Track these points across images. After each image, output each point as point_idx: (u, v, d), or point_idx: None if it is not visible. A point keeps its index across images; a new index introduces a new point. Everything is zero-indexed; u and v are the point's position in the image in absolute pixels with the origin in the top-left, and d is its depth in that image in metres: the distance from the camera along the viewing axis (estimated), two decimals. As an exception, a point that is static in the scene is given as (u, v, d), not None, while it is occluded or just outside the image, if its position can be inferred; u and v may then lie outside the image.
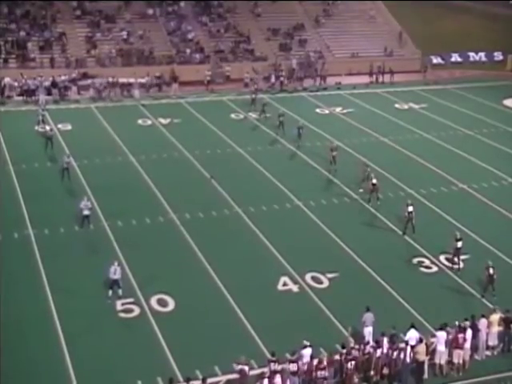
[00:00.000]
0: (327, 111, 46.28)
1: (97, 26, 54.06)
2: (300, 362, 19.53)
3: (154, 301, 23.63)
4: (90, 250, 26.97)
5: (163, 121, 42.63)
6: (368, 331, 21.32)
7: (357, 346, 20.17)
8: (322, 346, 20.69)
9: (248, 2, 60.24)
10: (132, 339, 21.74)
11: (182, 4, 58.31)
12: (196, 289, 24.56)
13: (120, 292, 23.73)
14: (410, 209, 28.68)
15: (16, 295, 23.67)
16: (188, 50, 53.82)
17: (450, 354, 20.64)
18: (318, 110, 46.43)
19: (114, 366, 20.46)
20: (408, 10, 65.81)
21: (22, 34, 51.28)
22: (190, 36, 55.43)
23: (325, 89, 51.36)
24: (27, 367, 20.30)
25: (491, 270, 24.20)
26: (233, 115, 44.20)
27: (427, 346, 20.30)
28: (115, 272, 23.76)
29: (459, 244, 26.21)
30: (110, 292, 23.72)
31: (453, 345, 20.53)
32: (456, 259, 26.36)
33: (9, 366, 20.12)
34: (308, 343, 20.10)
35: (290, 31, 58.22)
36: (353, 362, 19.61)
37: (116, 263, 23.98)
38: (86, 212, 28.18)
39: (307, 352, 19.92)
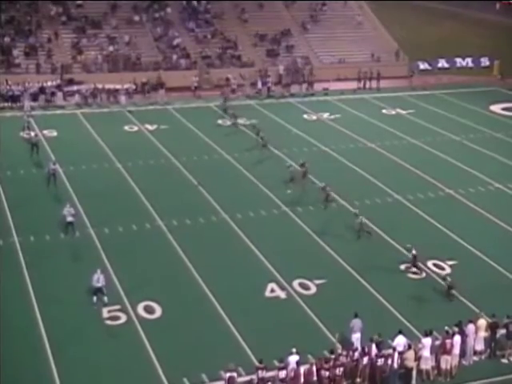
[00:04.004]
0: (314, 117, 46.29)
1: (82, 31, 53.84)
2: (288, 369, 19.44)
3: (140, 308, 23.47)
4: (76, 257, 26.78)
5: (150, 127, 42.47)
6: (356, 337, 21.25)
7: (344, 353, 20.09)
8: (310, 352, 20.60)
9: (235, 7, 60.27)
10: (118, 347, 21.58)
11: (169, 10, 58.20)
12: (183, 296, 24.42)
13: (105, 299, 23.55)
14: (359, 220, 28.77)
15: (1, 303, 23.38)
16: (175, 56, 53.71)
17: (438, 360, 20.60)
18: (305, 116, 46.43)
19: (100, 374, 20.28)
20: (395, 15, 66.24)
21: (7, 39, 50.96)
22: (176, 42, 55.30)
23: (312, 95, 51.37)
24: (12, 375, 20.01)
25: (448, 279, 24.68)
26: (220, 121, 44.12)
27: (415, 352, 20.24)
28: (98, 280, 23.58)
29: (414, 251, 26.24)
30: (95, 298, 23.54)
31: (440, 351, 20.50)
32: (417, 266, 26.33)
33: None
34: (294, 350, 19.99)
35: (277, 37, 58.24)
36: (341, 369, 19.53)
37: (99, 271, 23.79)
38: (69, 218, 27.96)
39: (293, 359, 19.81)
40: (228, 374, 19.26)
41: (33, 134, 38.16)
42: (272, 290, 24.95)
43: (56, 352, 21.01)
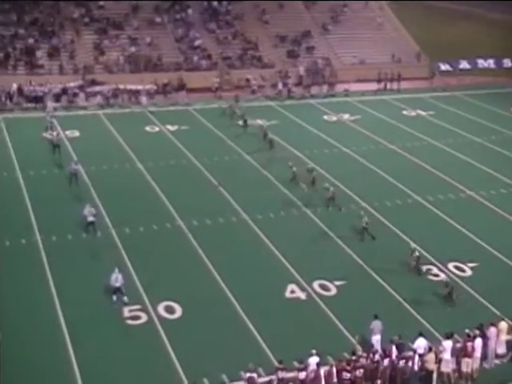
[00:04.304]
0: (335, 118, 46.24)
1: (104, 32, 54.23)
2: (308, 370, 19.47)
3: (161, 308, 23.59)
4: (98, 256, 26.95)
5: (171, 128, 42.67)
6: (376, 339, 21.23)
7: (365, 354, 20.07)
8: (329, 354, 20.62)
9: (256, 9, 60.37)
10: (139, 346, 21.69)
11: (190, 11, 58.44)
12: (203, 296, 24.50)
13: (125, 299, 23.73)
14: (365, 220, 28.65)
15: (23, 302, 23.66)
16: (196, 57, 53.93)
17: (459, 363, 20.50)
18: (325, 117, 46.38)
19: (121, 373, 20.43)
20: (416, 16, 65.88)
21: (31, 41, 51.48)
22: (197, 43, 55.51)
23: (332, 96, 51.33)
24: (34, 375, 20.24)
25: (450, 283, 24.43)
26: (240, 122, 44.14)
27: (436, 355, 20.17)
28: (117, 279, 23.79)
29: (417, 253, 26.15)
30: (114, 297, 23.74)
31: (461, 353, 20.40)
32: (419, 269, 26.20)
33: (16, 374, 20.14)
34: (314, 351, 20.02)
35: (298, 38, 58.25)
36: (361, 370, 19.52)
37: (117, 270, 23.99)
38: (90, 218, 28.19)
39: (314, 360, 19.83)
40: (248, 375, 19.33)
41: (55, 134, 38.51)
42: (292, 291, 24.97)
43: (78, 350, 21.19)
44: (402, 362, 19.83)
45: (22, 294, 24.06)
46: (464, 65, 60.32)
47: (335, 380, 19.52)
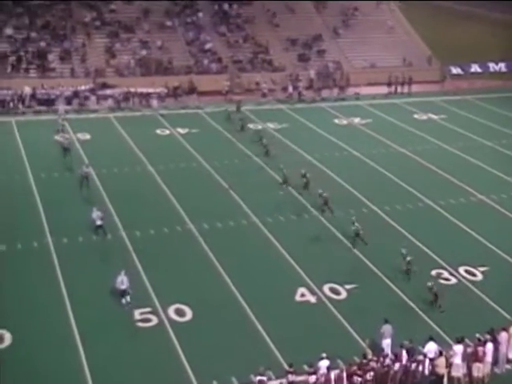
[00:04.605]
0: (345, 122, 46.23)
1: (115, 36, 54.46)
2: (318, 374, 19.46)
3: (171, 310, 23.63)
4: (108, 258, 27.05)
5: (181, 131, 42.77)
6: (386, 343, 21.20)
7: (375, 358, 20.04)
8: (340, 357, 20.59)
9: (266, 12, 60.45)
10: (149, 348, 21.73)
11: (201, 14, 58.61)
12: (213, 299, 24.53)
13: (128, 299, 23.80)
14: (356, 225, 28.49)
15: (34, 303, 23.77)
16: (206, 60, 54.06)
17: (470, 368, 20.43)
18: (336, 121, 46.38)
19: (131, 376, 20.48)
20: (427, 20, 65.79)
21: (43, 44, 51.77)
22: (208, 46, 55.64)
23: (343, 99, 51.33)
24: (45, 377, 20.32)
25: (434, 288, 24.17)
26: (251, 125, 44.23)
27: (447, 359, 20.11)
28: (122, 282, 23.88)
29: (409, 257, 25.98)
30: (124, 300, 23.82)
31: (472, 358, 20.34)
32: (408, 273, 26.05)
33: (27, 375, 20.25)
34: (325, 355, 20.01)
35: (309, 42, 58.27)
36: (371, 373, 19.48)
37: (123, 273, 24.06)
38: (98, 222, 28.30)
39: (324, 364, 19.82)
40: (258, 378, 19.33)
41: (67, 136, 38.72)
42: (302, 295, 24.97)
43: (88, 352, 21.25)
44: (412, 366, 19.76)
45: (33, 296, 24.19)
46: (475, 68, 60.16)
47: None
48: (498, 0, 68.02)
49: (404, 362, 19.95)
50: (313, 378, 19.33)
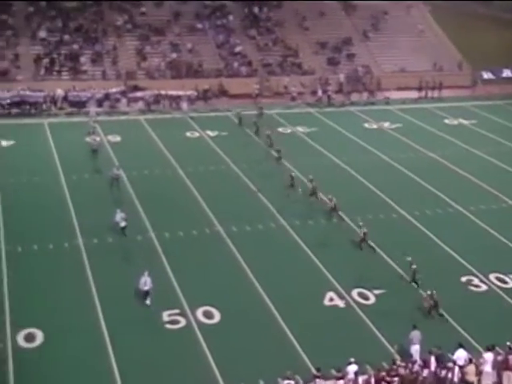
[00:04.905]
0: (375, 126, 46.06)
1: (146, 38, 54.89)
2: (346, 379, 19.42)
3: (199, 312, 23.76)
4: (138, 259, 27.13)
5: (211, 133, 42.97)
6: (415, 349, 21.09)
7: (403, 364, 19.94)
8: (368, 362, 20.51)
9: (296, 15, 60.48)
10: (177, 350, 21.87)
11: (231, 18, 58.86)
12: (241, 301, 24.62)
13: (149, 301, 24.00)
14: (363, 230, 28.40)
15: (65, 303, 24.04)
16: (236, 63, 54.26)
17: (500, 376, 20.23)
18: (365, 125, 46.23)
19: (160, 376, 20.61)
20: (458, 24, 65.16)
21: (75, 47, 52.41)
22: (238, 49, 55.86)
23: (373, 103, 51.17)
24: (75, 376, 20.52)
25: (435, 296, 23.86)
26: (280, 129, 44.29)
27: (477, 367, 19.94)
28: (145, 283, 24.07)
29: (414, 265, 25.74)
30: (148, 301, 24.03)
31: (502, 366, 20.13)
32: (416, 282, 25.75)
33: (57, 375, 20.50)
34: (353, 360, 19.99)
35: (338, 45, 58.20)
36: (396, 378, 19.38)
37: (146, 273, 24.22)
38: (122, 224, 28.59)
39: (352, 368, 19.79)
40: (286, 382, 19.35)
41: (98, 139, 39.16)
42: (331, 299, 24.94)
43: (117, 352, 21.46)
44: (442, 373, 19.62)
45: (64, 296, 24.43)
46: (507, 73, 59.52)
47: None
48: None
49: (433, 368, 19.83)
50: (340, 383, 19.28)
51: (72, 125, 43.47)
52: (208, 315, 23.68)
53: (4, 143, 39.60)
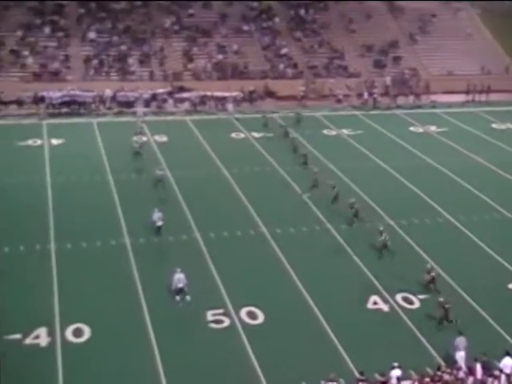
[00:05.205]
0: (421, 130, 45.70)
1: (193, 40, 55.41)
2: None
3: (243, 313, 23.92)
4: (182, 259, 27.19)
5: (256, 135, 43.15)
6: (460, 356, 20.90)
7: (448, 370, 19.80)
8: (412, 368, 20.44)
9: (342, 18, 60.34)
10: (221, 350, 22.04)
11: (277, 20, 59.04)
12: (285, 303, 24.69)
13: (188, 298, 24.28)
14: (385, 235, 27.99)
15: (112, 300, 24.44)
16: (282, 65, 54.40)
17: (547, 385, 19.96)
18: (411, 128, 45.90)
19: (203, 377, 20.79)
20: (507, 27, 64.11)
21: (124, 48, 53.22)
22: (283, 51, 56.00)
23: (419, 107, 50.76)
24: (120, 373, 20.83)
25: (446, 305, 23.37)
26: (325, 131, 44.28)
27: (523, 375, 19.72)
28: (179, 280, 24.31)
29: (433, 273, 25.36)
30: (178, 297, 24.29)
31: (550, 375, 19.86)
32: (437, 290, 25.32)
33: (103, 371, 20.88)
34: (396, 364, 19.92)
35: (385, 48, 57.90)
36: (442, 385, 19.30)
37: (179, 270, 24.47)
38: (159, 223, 28.92)
39: (395, 373, 19.73)
40: (328, 384, 19.41)
41: (144, 138, 39.70)
42: (375, 303, 24.87)
43: (162, 350, 21.70)
44: (488, 381, 19.43)
45: (110, 292, 24.85)
46: (557, 77, 58.31)
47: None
48: None
49: (479, 376, 19.64)
50: (385, 387, 19.27)
51: (120, 124, 44.14)
52: (252, 316, 23.83)
53: (54, 142, 40.46)
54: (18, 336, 21.94)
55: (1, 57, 50.39)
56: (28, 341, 21.84)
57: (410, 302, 24.93)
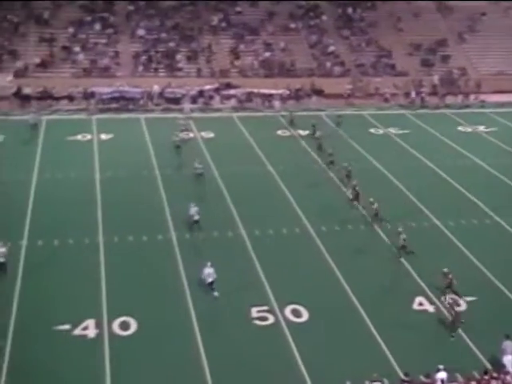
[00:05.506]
0: (470, 129, 45.10)
1: (241, 37, 55.61)
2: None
3: (288, 310, 23.98)
4: (228, 255, 27.44)
5: (302, 132, 43.12)
6: (508, 360, 20.62)
7: (495, 375, 19.56)
8: (457, 371, 20.25)
9: (390, 16, 59.81)
10: (265, 347, 22.13)
11: (324, 18, 58.85)
12: (329, 301, 24.66)
13: (216, 294, 24.47)
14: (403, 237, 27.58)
15: (158, 293, 24.72)
16: (329, 63, 54.22)
17: None
18: (460, 128, 45.33)
19: (247, 373, 20.91)
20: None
21: (172, 44, 53.71)
22: (331, 49, 55.80)
23: (468, 106, 50.07)
24: (166, 367, 21.05)
25: (457, 308, 23.08)
26: (372, 130, 44.03)
27: None
28: (209, 274, 24.52)
29: (450, 276, 24.84)
30: (215, 293, 24.52)
31: None
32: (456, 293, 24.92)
33: (149, 364, 21.16)
34: (442, 367, 19.76)
35: (433, 47, 57.21)
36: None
37: (209, 264, 24.63)
38: (196, 217, 29.19)
39: (441, 376, 19.58)
40: (373, 384, 19.37)
41: (191, 135, 40.04)
42: (420, 304, 24.68)
43: (207, 346, 21.88)
44: (537, 386, 19.18)
45: (157, 286, 25.17)
46: None
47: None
48: None
49: (526, 380, 19.38)
50: (430, 389, 19.14)
51: (167, 120, 44.53)
52: (296, 313, 23.87)
53: (103, 136, 41.15)
54: (67, 327, 22.43)
55: (53, 53, 51.39)
56: (77, 332, 22.32)
57: (457, 305, 24.60)
